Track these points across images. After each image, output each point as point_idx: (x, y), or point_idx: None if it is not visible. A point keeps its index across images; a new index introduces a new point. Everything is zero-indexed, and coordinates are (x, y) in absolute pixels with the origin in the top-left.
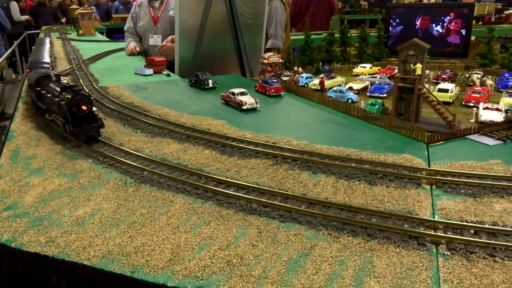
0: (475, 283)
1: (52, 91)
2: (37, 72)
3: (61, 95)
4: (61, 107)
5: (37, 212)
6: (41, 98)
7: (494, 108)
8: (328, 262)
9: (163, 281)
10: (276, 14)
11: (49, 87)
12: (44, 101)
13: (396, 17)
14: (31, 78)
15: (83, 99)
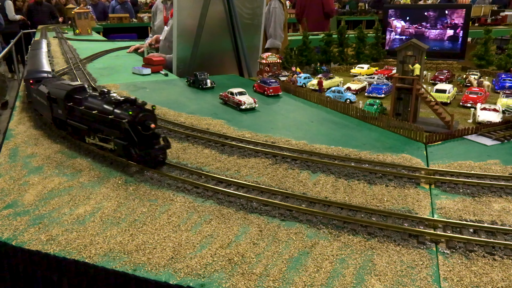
0: (474, 281)
1: (98, 106)
2: (59, 85)
3: (119, 111)
4: (119, 126)
5: (37, 210)
6: (75, 115)
7: (492, 109)
8: (329, 260)
9: (165, 279)
10: (275, 14)
11: (90, 102)
12: (82, 119)
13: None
14: (56, 92)
15: (149, 115)
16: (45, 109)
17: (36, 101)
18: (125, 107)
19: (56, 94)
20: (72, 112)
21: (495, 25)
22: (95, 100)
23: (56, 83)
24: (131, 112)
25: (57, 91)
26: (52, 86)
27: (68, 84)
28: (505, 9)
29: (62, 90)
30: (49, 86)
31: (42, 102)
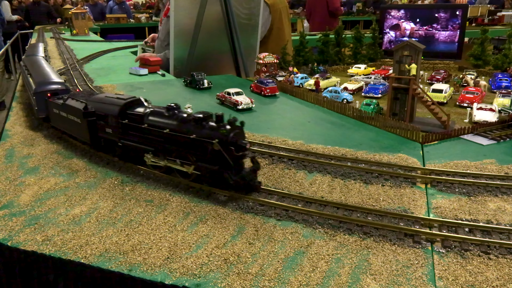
0: (469, 280)
1: (170, 124)
2: (102, 99)
3: (205, 130)
4: (206, 147)
5: (33, 211)
6: (133, 135)
7: (488, 109)
8: (324, 260)
9: (161, 279)
10: None
11: (156, 119)
12: (145, 140)
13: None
14: (103, 108)
15: (241, 133)
16: (79, 128)
17: (58, 118)
18: (209, 124)
19: (105, 110)
20: (128, 131)
21: (492, 25)
22: (162, 117)
23: (97, 96)
24: (224, 130)
25: (104, 107)
26: (92, 101)
27: (116, 98)
28: (502, 9)
29: (112, 105)
30: (85, 101)
31: (71, 120)
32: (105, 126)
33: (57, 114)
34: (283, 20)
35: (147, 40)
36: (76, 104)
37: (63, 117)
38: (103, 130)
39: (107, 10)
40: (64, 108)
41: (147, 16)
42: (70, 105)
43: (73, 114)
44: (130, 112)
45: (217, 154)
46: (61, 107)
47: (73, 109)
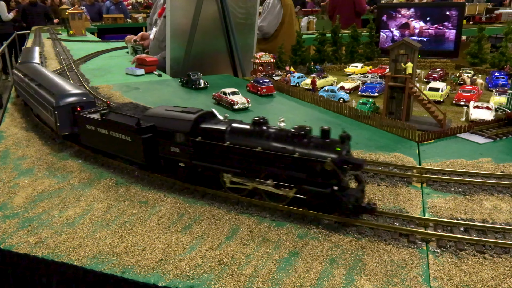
0: (464, 280)
1: (262, 142)
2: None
3: (310, 148)
4: (313, 167)
5: (26, 213)
6: (210, 154)
7: (484, 107)
8: (319, 260)
9: (154, 281)
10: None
11: (242, 136)
12: (226, 158)
13: None
14: (168, 123)
15: (348, 148)
16: (128, 147)
17: (94, 135)
18: (316, 140)
19: (171, 126)
20: (203, 149)
21: (489, 23)
22: (249, 133)
23: (155, 110)
24: (339, 147)
25: (169, 122)
26: (150, 115)
27: (182, 111)
28: (500, 7)
29: (180, 120)
30: (137, 115)
31: (115, 138)
32: (169, 144)
33: (92, 131)
34: (293, 16)
35: (136, 39)
36: (125, 120)
37: (102, 134)
38: (166, 149)
39: (104, 10)
40: (105, 124)
41: (145, 16)
42: (116, 120)
43: (120, 131)
44: (204, 127)
45: (327, 174)
46: (99, 123)
47: (119, 125)
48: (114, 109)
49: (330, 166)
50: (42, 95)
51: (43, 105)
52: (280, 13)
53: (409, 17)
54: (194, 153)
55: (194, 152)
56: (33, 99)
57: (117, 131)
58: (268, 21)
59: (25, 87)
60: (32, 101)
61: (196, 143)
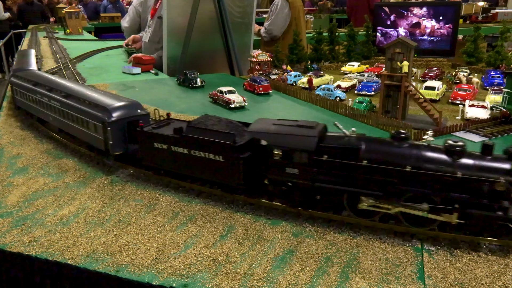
0: (459, 278)
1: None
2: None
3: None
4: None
5: (20, 211)
6: (338, 174)
7: (480, 106)
8: (314, 258)
9: (148, 279)
10: (276, 9)
11: (383, 153)
12: (360, 179)
13: None
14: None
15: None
16: (219, 169)
17: (165, 156)
18: (475, 159)
19: (287, 144)
20: (329, 170)
21: (486, 23)
22: (391, 150)
23: (260, 125)
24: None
25: (285, 139)
26: (255, 131)
27: (297, 125)
28: (496, 7)
29: (300, 136)
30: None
31: (198, 158)
32: (284, 165)
33: (163, 150)
34: (301, 17)
35: (128, 42)
36: (215, 136)
37: (178, 154)
38: (279, 170)
39: (101, 9)
40: (185, 142)
41: None
42: (202, 137)
43: (208, 149)
44: (329, 145)
45: (495, 195)
46: (175, 140)
47: (208, 143)
48: (196, 123)
49: (503, 187)
50: (80, 108)
51: (82, 120)
52: (289, 15)
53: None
54: (317, 175)
55: (317, 173)
56: (57, 112)
57: (203, 150)
58: (277, 24)
59: (37, 98)
60: (52, 115)
61: (321, 162)
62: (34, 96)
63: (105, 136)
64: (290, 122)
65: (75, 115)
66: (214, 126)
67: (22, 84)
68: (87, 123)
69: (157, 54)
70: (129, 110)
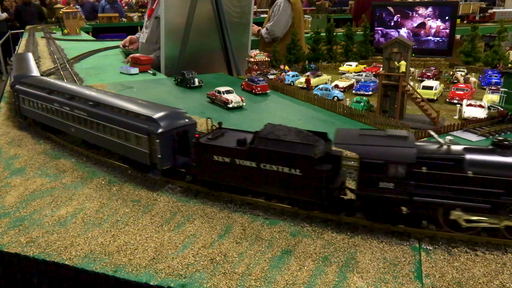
0: (456, 277)
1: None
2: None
3: None
4: None
5: (18, 212)
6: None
7: (477, 105)
8: (311, 258)
9: (146, 279)
10: (279, 10)
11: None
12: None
13: None
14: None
15: None
16: (295, 183)
17: (227, 169)
18: None
19: (385, 156)
20: (430, 182)
21: (483, 22)
22: (499, 159)
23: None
24: None
25: (380, 152)
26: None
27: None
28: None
29: (394, 148)
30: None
31: (269, 172)
32: (377, 179)
33: (224, 164)
34: (301, 18)
35: (125, 44)
36: (291, 148)
37: (243, 167)
38: (371, 185)
39: (99, 9)
40: (254, 154)
41: (140, 15)
42: (275, 150)
43: (282, 162)
44: (427, 156)
45: None
46: (241, 152)
47: (280, 156)
48: (266, 134)
49: None
50: (116, 119)
51: (119, 132)
52: (291, 16)
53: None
54: (415, 188)
55: (416, 187)
56: (83, 123)
57: (276, 163)
58: (279, 25)
59: (53, 107)
60: (75, 126)
61: (419, 175)
62: (49, 105)
63: (151, 149)
64: (377, 132)
65: (108, 126)
66: (287, 136)
67: (31, 92)
68: (127, 135)
69: (155, 54)
70: (177, 119)
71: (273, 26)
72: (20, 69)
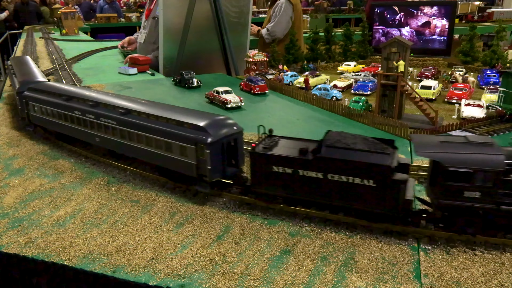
0: (455, 276)
1: None
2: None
3: None
4: None
5: (16, 213)
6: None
7: (476, 105)
8: (310, 258)
9: (145, 280)
10: (280, 10)
11: None
12: None
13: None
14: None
15: None
16: (367, 194)
17: (289, 180)
18: None
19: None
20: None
21: (482, 22)
22: None
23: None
24: None
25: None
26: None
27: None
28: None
29: (482, 155)
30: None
31: (338, 183)
32: (462, 188)
33: (285, 175)
34: (300, 18)
35: (123, 44)
36: (369, 158)
37: (308, 179)
38: (455, 195)
39: (98, 10)
40: (317, 165)
41: (138, 16)
42: (343, 159)
43: (350, 173)
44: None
45: None
46: (303, 163)
47: (352, 166)
48: (333, 142)
49: None
50: (156, 128)
51: (158, 142)
52: (292, 17)
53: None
54: (503, 197)
55: (503, 195)
56: (111, 132)
57: (346, 174)
58: (281, 25)
59: (73, 115)
60: (101, 135)
61: (508, 183)
62: (68, 113)
63: (199, 160)
64: (458, 139)
65: (144, 136)
66: (356, 145)
67: (44, 99)
68: (168, 144)
69: (153, 55)
70: (226, 127)
71: (274, 27)
72: (24, 74)
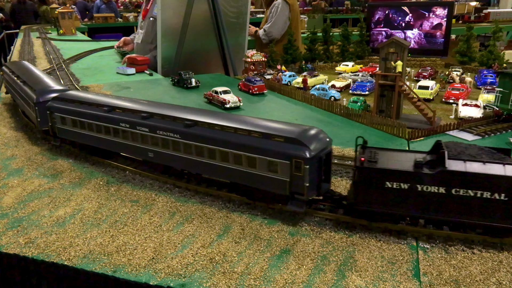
0: (453, 275)
1: None
2: None
3: None
4: None
5: (16, 213)
6: None
7: (473, 105)
8: (310, 257)
9: (146, 279)
10: (277, 10)
11: None
12: None
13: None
14: None
15: None
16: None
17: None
18: None
19: None
20: None
21: (478, 22)
22: None
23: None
24: None
25: None
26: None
27: None
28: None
29: None
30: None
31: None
32: None
33: (399, 191)
34: (298, 19)
35: (119, 45)
36: (501, 170)
37: (426, 194)
38: None
39: (95, 9)
40: (440, 179)
41: (135, 15)
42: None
43: (479, 187)
44: None
45: None
46: (424, 177)
47: (482, 179)
48: (456, 154)
49: None
50: (234, 142)
51: (238, 157)
52: (289, 17)
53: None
54: None
55: None
56: (171, 147)
57: (475, 188)
58: (277, 26)
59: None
60: (156, 150)
61: None
62: (111, 125)
63: (294, 177)
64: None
65: (218, 150)
66: (481, 156)
67: (77, 110)
68: (252, 160)
69: (151, 55)
70: (321, 140)
71: (271, 28)
72: (37, 82)
